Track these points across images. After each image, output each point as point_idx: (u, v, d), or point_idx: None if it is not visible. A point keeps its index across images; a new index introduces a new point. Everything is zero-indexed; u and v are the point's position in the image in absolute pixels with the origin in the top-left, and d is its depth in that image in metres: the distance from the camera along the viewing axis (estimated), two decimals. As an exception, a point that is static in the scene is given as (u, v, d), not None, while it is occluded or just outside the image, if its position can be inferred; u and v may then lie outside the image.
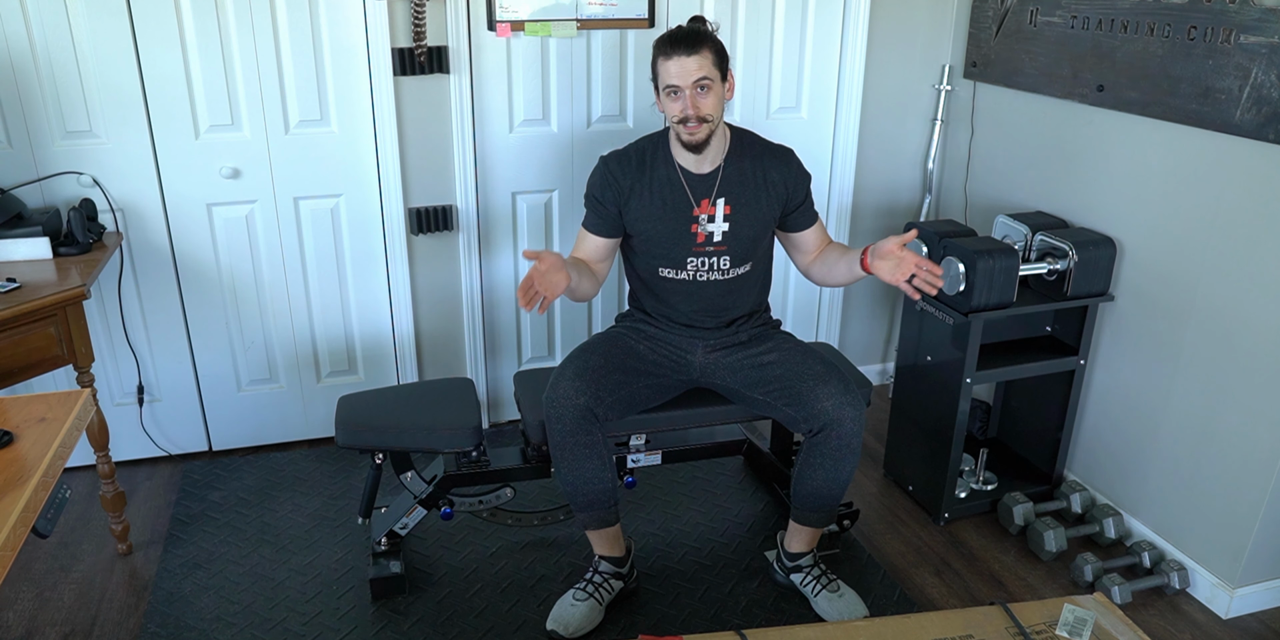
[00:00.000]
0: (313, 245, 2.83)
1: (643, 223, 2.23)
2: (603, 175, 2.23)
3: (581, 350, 2.26)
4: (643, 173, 2.22)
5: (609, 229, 2.26)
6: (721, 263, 2.25)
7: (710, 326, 2.32)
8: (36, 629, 2.24)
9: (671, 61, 2.06)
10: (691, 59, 2.05)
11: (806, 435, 2.19)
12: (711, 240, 2.23)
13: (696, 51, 2.05)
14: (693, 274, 2.26)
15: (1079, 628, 1.69)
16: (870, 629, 1.71)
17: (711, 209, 2.21)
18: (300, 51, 2.61)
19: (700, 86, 2.07)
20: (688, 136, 2.12)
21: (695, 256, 2.24)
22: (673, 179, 2.21)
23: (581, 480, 2.17)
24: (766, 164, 2.23)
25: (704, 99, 2.08)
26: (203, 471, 2.88)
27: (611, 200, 2.22)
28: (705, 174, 2.21)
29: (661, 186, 2.21)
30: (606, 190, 2.22)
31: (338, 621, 2.26)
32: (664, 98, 2.11)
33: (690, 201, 2.21)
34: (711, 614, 2.30)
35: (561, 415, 2.12)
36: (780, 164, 2.24)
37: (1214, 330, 2.26)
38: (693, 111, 2.08)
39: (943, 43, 3.07)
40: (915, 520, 2.69)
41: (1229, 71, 2.12)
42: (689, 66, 2.05)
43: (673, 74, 2.07)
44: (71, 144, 2.54)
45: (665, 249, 2.24)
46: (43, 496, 1.41)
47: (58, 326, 2.19)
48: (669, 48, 2.07)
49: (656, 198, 2.21)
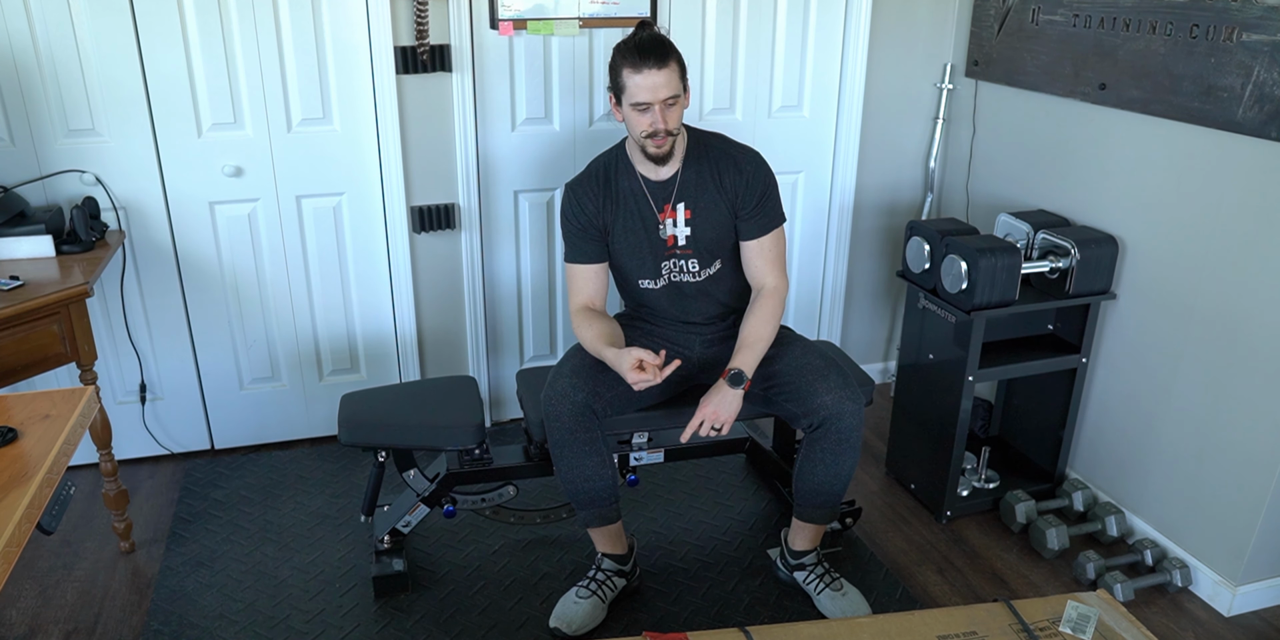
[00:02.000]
0: (315, 243, 2.83)
1: (622, 236, 2.23)
2: (575, 204, 2.22)
3: (580, 347, 2.26)
4: (609, 191, 2.21)
5: (600, 252, 2.25)
6: (690, 265, 2.25)
7: (703, 321, 2.32)
8: (39, 627, 2.24)
9: (641, 75, 2.01)
10: (661, 74, 2.00)
11: (807, 430, 2.19)
12: (678, 244, 2.23)
13: (665, 65, 2.01)
14: (668, 277, 2.27)
15: (1083, 624, 1.69)
16: (874, 626, 1.71)
17: (673, 213, 2.21)
18: (303, 49, 2.61)
19: (668, 103, 2.04)
20: (654, 149, 2.10)
21: (667, 259, 2.25)
22: (635, 190, 2.21)
23: (581, 478, 2.17)
24: (721, 167, 2.19)
25: (671, 113, 2.06)
26: (205, 470, 2.88)
27: (593, 224, 2.22)
28: (664, 180, 2.19)
29: (628, 199, 2.21)
30: (584, 216, 2.21)
31: (340, 619, 2.26)
32: (630, 110, 2.07)
33: (653, 209, 2.21)
34: (714, 612, 2.30)
35: (560, 412, 2.12)
36: (732, 167, 2.19)
37: (1216, 328, 2.26)
38: (663, 126, 2.05)
39: (944, 41, 3.07)
40: (917, 518, 2.69)
41: (1231, 69, 2.12)
42: (659, 82, 2.01)
43: (643, 89, 2.02)
44: (74, 142, 2.54)
45: (641, 259, 2.24)
46: (47, 493, 1.41)
47: (61, 324, 2.19)
48: (638, 59, 2.00)
49: (626, 210, 2.21)
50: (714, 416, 2.12)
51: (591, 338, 2.16)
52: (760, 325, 2.19)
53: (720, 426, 2.12)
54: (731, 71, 2.94)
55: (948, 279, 2.46)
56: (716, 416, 2.12)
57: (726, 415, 2.12)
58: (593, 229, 2.22)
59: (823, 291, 3.32)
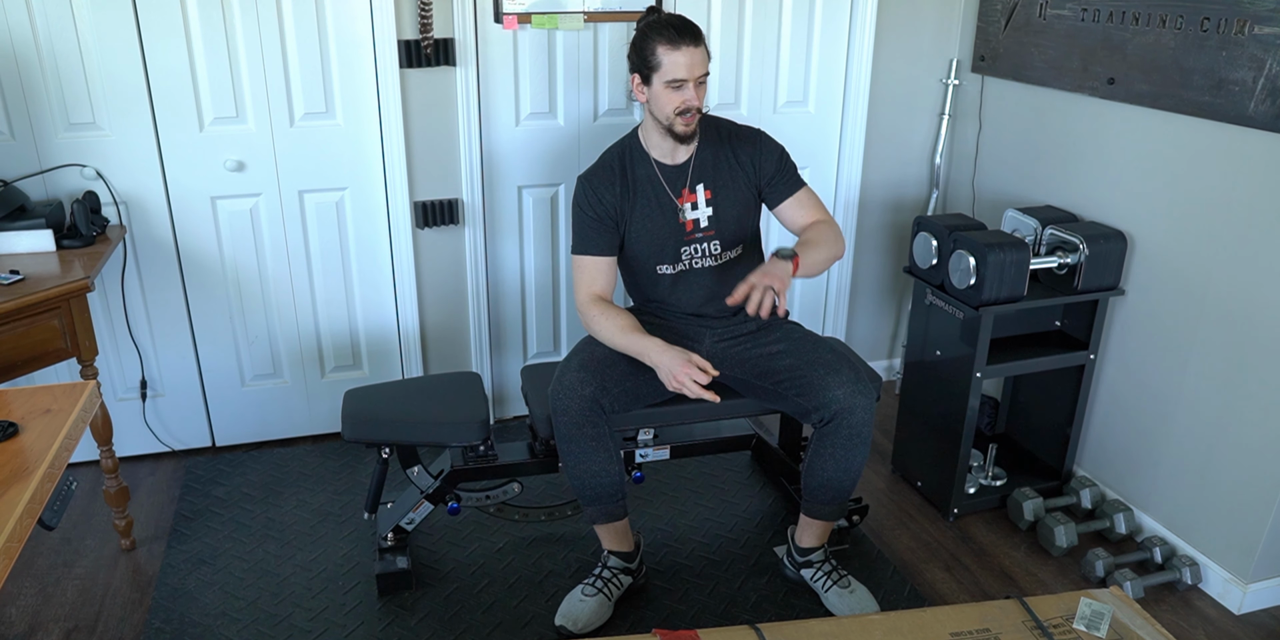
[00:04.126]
0: (317, 239, 2.81)
1: (640, 225, 2.22)
2: (592, 194, 2.21)
3: (587, 341, 2.24)
4: (625, 180, 2.21)
5: (611, 245, 2.24)
6: (713, 248, 2.25)
7: (717, 315, 2.30)
8: (39, 625, 2.22)
9: (680, 52, 2.04)
10: (698, 51, 2.05)
11: (817, 425, 2.17)
12: (699, 226, 2.23)
13: (700, 43, 2.06)
14: (688, 263, 2.26)
15: (1096, 621, 1.67)
16: (886, 623, 1.69)
17: (693, 196, 2.22)
18: (305, 43, 2.59)
19: (700, 80, 2.08)
20: (683, 128, 2.12)
21: (687, 244, 2.24)
22: (651, 177, 2.21)
23: (589, 474, 2.15)
24: (735, 145, 2.24)
25: (702, 90, 2.11)
26: (206, 467, 2.86)
27: (608, 216, 2.21)
28: (679, 164, 2.21)
29: (645, 187, 2.21)
30: (601, 206, 2.20)
31: (344, 617, 2.24)
32: (662, 89, 2.08)
33: (670, 194, 2.21)
34: (721, 610, 2.28)
35: (568, 407, 2.10)
36: (746, 143, 2.25)
37: (1226, 324, 2.24)
38: (696, 103, 2.08)
39: (950, 37, 3.05)
40: (924, 516, 2.67)
41: (1243, 63, 2.10)
42: (696, 60, 2.05)
43: (681, 66, 2.05)
44: (75, 136, 2.52)
45: (660, 245, 2.24)
46: (48, 488, 1.39)
47: (61, 319, 2.17)
48: (676, 36, 2.04)
49: (644, 198, 2.21)
50: (762, 279, 1.97)
51: (614, 328, 2.15)
52: (823, 230, 2.18)
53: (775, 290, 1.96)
54: (737, 66, 2.93)
55: (956, 275, 2.45)
56: (765, 279, 1.96)
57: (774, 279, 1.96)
58: (608, 219, 2.21)
59: (828, 288, 3.30)
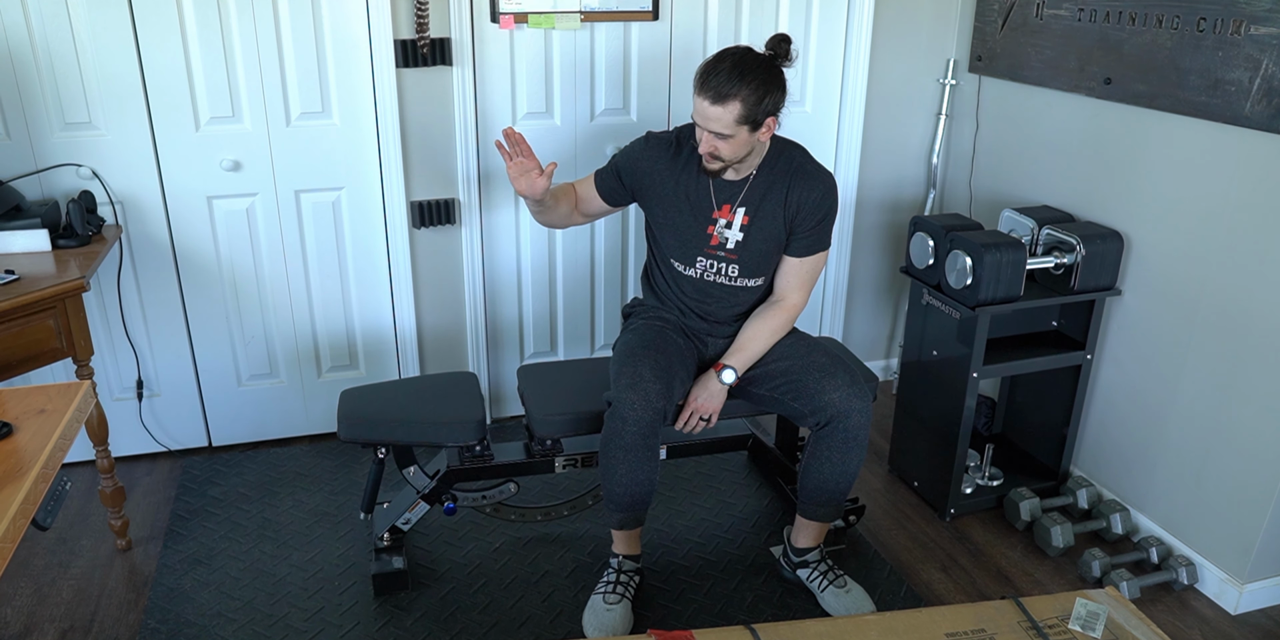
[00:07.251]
0: (314, 239, 2.80)
1: (659, 208, 2.21)
2: (640, 151, 2.21)
3: (645, 347, 2.17)
4: (675, 161, 2.18)
5: (610, 194, 2.26)
6: (730, 270, 2.22)
7: (723, 321, 2.30)
8: (35, 625, 2.21)
9: (698, 100, 2.00)
10: (714, 109, 1.97)
11: (814, 429, 2.17)
12: (724, 246, 2.20)
13: (721, 103, 1.96)
14: (700, 273, 2.24)
15: (1092, 622, 1.67)
16: (881, 623, 1.69)
17: (731, 215, 2.18)
18: (302, 43, 2.58)
19: (717, 134, 2.01)
20: (705, 163, 2.10)
21: (706, 257, 2.22)
22: (701, 178, 2.17)
23: (634, 482, 2.12)
24: (793, 183, 2.15)
25: (720, 143, 2.03)
26: (202, 467, 2.86)
27: (629, 174, 2.21)
28: (736, 180, 2.16)
29: (689, 181, 2.18)
30: (637, 163, 2.20)
31: (339, 617, 2.23)
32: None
33: (712, 203, 2.18)
34: (717, 610, 2.28)
35: (640, 417, 2.05)
36: (806, 186, 2.15)
37: (1222, 324, 2.25)
38: (707, 148, 2.05)
39: (947, 36, 3.05)
40: (921, 516, 2.67)
41: (1239, 63, 2.10)
42: (709, 115, 1.99)
43: (697, 113, 2.02)
44: (70, 136, 2.51)
45: (679, 242, 2.22)
46: (42, 489, 1.38)
47: (57, 319, 2.17)
48: (700, 85, 1.98)
49: (680, 190, 2.18)
50: (701, 408, 2.20)
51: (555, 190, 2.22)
52: (764, 332, 2.23)
53: (708, 418, 2.21)
54: (734, 66, 2.92)
55: (952, 275, 2.45)
56: (703, 408, 2.20)
57: (713, 407, 2.20)
58: (628, 178, 2.22)
59: (825, 288, 3.30)
